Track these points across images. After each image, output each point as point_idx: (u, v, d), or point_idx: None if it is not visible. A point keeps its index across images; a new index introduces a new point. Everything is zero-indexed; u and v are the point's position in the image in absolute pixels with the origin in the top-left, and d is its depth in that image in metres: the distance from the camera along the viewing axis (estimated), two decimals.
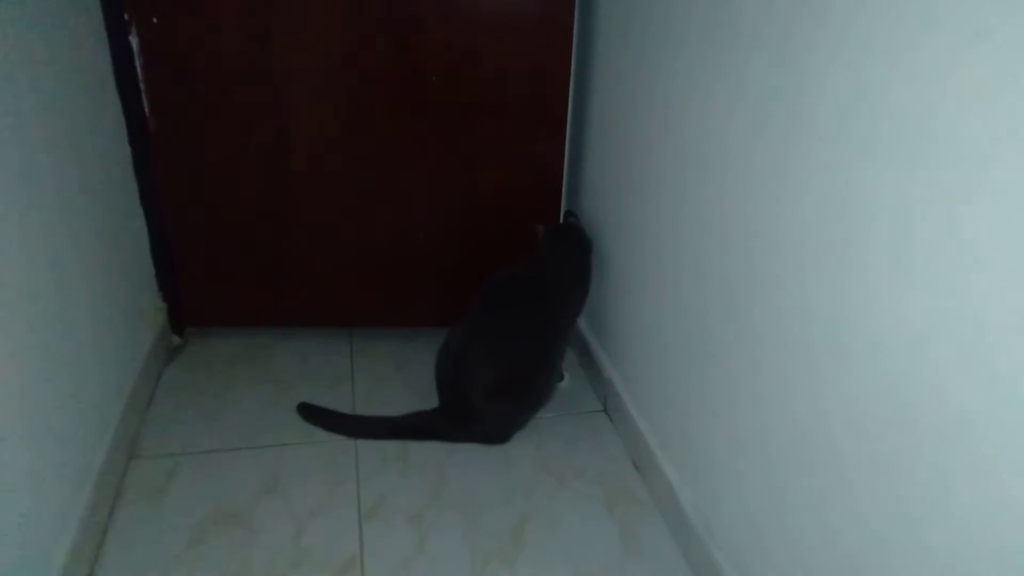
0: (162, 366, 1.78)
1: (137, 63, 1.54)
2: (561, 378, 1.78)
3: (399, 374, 1.80)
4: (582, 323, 1.88)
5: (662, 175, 1.38)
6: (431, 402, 1.65)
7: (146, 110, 1.59)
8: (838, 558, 0.94)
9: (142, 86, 1.56)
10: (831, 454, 0.94)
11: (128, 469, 1.47)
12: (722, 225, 1.17)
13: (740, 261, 1.12)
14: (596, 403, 1.76)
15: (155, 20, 1.48)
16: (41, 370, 1.17)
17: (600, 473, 1.54)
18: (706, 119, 1.19)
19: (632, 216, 1.54)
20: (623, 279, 1.62)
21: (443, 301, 1.85)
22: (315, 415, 1.62)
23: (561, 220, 1.85)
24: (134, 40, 1.51)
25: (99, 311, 1.43)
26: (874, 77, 0.80)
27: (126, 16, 1.49)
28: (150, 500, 1.41)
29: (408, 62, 1.57)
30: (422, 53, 1.57)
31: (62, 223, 1.28)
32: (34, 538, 1.10)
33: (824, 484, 0.95)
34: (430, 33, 1.55)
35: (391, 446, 1.58)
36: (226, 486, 1.45)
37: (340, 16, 1.51)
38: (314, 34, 1.53)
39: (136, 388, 1.58)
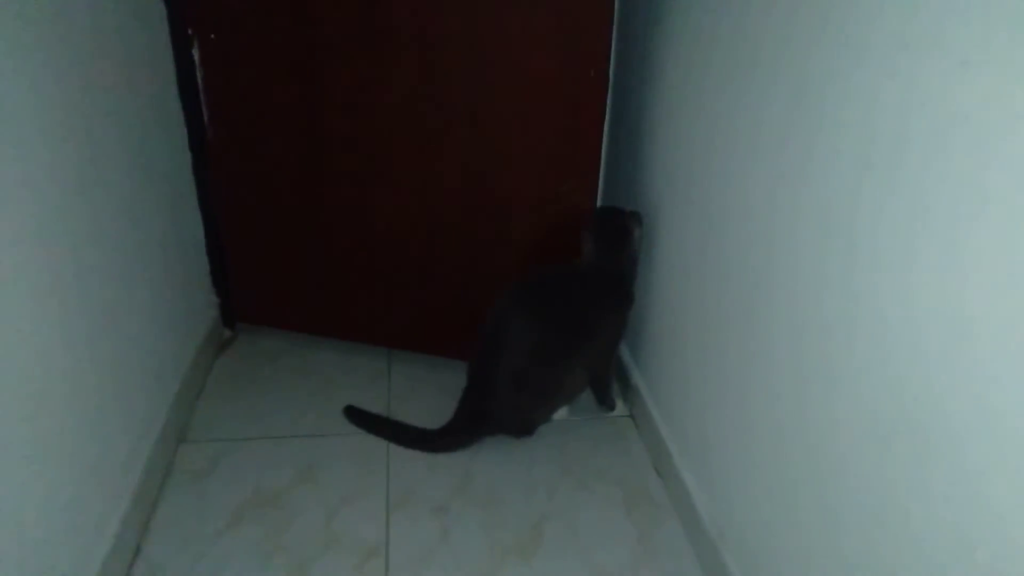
0: (213, 358, 1.90)
1: (198, 75, 1.65)
2: (612, 408, 1.79)
3: (433, 375, 1.87)
4: None
5: (689, 189, 1.42)
6: None
7: (205, 118, 1.70)
8: (844, 564, 0.97)
9: (202, 96, 1.68)
10: (840, 463, 0.96)
11: (177, 452, 1.58)
12: (746, 239, 1.20)
13: (758, 276, 1.15)
14: (623, 408, 1.80)
15: (212, 36, 1.59)
16: (100, 358, 1.28)
17: (621, 476, 1.58)
18: (736, 132, 1.23)
19: (659, 231, 1.58)
20: (652, 290, 1.66)
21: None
22: (359, 418, 1.69)
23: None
24: (196, 53, 1.63)
25: (156, 304, 1.54)
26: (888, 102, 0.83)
27: (189, 31, 1.60)
28: (196, 482, 1.51)
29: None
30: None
31: (126, 221, 1.39)
32: (87, 513, 1.20)
33: (832, 492, 0.98)
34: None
35: None
36: (265, 472, 1.54)
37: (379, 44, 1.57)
38: (354, 64, 1.59)
39: (188, 377, 1.69)
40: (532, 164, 1.60)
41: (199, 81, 1.67)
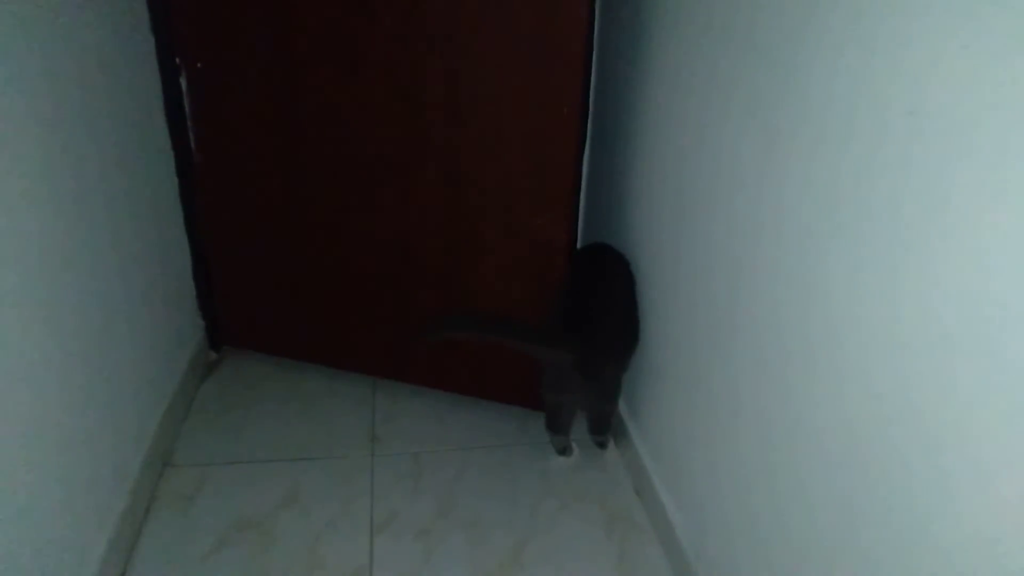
0: (199, 380, 1.91)
1: (185, 103, 1.68)
2: (606, 445, 1.77)
3: (418, 401, 1.89)
4: None
5: (679, 213, 1.46)
6: (448, 422, 1.78)
7: (192, 144, 1.73)
8: None
9: (189, 123, 1.70)
10: (798, 487, 1.00)
11: (163, 476, 1.59)
12: (726, 268, 1.24)
13: (733, 306, 1.19)
14: (612, 446, 1.83)
15: (199, 65, 1.62)
16: (84, 381, 1.29)
17: (602, 497, 1.61)
18: (713, 167, 1.27)
19: (642, 257, 1.62)
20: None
21: (475, 370, 1.86)
22: (441, 326, 1.62)
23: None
24: (183, 82, 1.66)
25: (142, 327, 1.56)
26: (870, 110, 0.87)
27: (177, 60, 1.63)
28: (181, 506, 1.52)
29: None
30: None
31: (112, 245, 1.41)
32: (74, 535, 1.22)
33: (797, 517, 1.02)
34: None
35: (405, 464, 1.67)
36: (250, 496, 1.56)
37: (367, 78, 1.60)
38: (336, 94, 1.62)
39: (173, 400, 1.71)
40: (507, 198, 1.62)
41: (186, 108, 1.69)
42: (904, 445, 0.79)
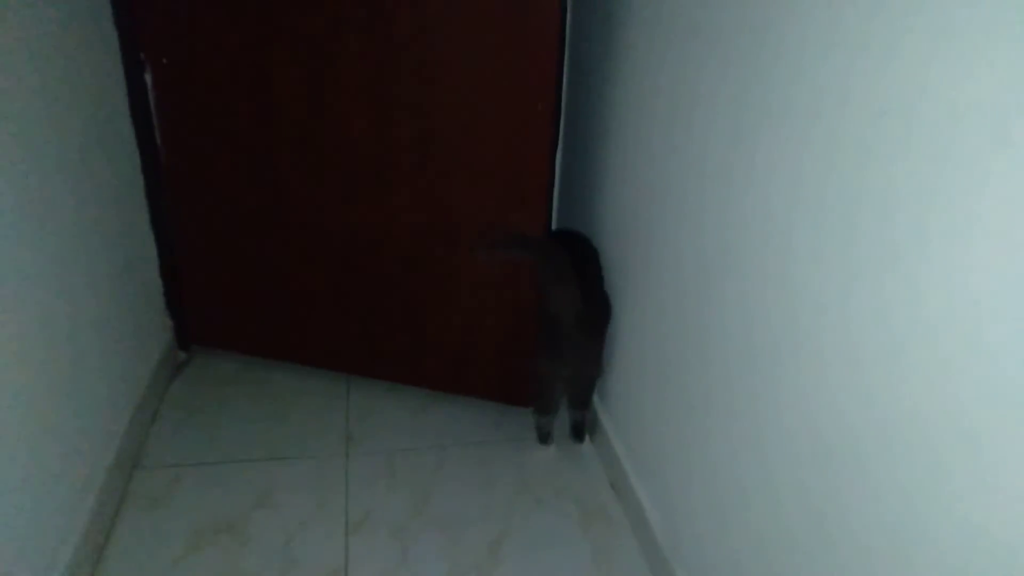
0: (168, 381, 1.88)
1: (150, 98, 1.65)
2: (581, 436, 1.78)
3: (392, 397, 1.88)
4: None
5: (650, 208, 1.47)
6: (423, 419, 1.78)
7: (158, 141, 1.69)
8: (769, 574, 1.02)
9: (155, 120, 1.67)
10: (766, 482, 1.01)
11: (132, 479, 1.56)
12: (699, 261, 1.25)
13: (708, 301, 1.20)
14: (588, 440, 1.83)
15: (164, 61, 1.59)
16: (50, 382, 1.27)
17: (578, 494, 1.62)
18: (682, 161, 1.28)
19: (614, 251, 1.62)
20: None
21: (450, 366, 1.85)
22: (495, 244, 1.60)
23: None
24: (148, 77, 1.62)
25: (108, 326, 1.53)
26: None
27: (141, 56, 1.60)
28: (151, 509, 1.50)
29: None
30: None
31: (77, 243, 1.38)
32: (39, 541, 1.19)
33: (760, 507, 1.03)
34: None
35: (380, 462, 1.66)
36: (222, 497, 1.54)
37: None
38: (307, 88, 1.60)
39: (142, 401, 1.68)
40: (481, 194, 1.61)
41: (151, 105, 1.66)
42: (874, 443, 0.81)
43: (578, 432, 1.77)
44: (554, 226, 1.91)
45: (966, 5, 0.65)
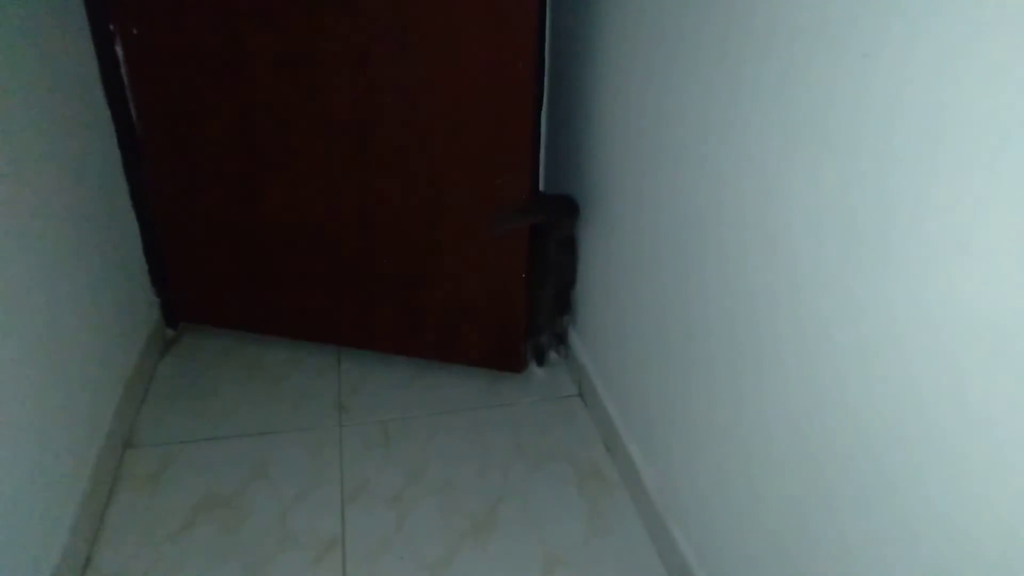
0: (157, 358, 1.86)
1: (123, 71, 1.61)
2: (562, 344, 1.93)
3: (383, 368, 1.87)
4: None
5: (642, 165, 1.45)
6: (416, 388, 1.79)
7: (133, 115, 1.66)
8: (770, 532, 1.02)
9: (128, 92, 1.63)
10: (765, 439, 1.01)
11: (124, 457, 1.56)
12: (685, 223, 1.23)
13: (695, 260, 1.19)
14: (572, 388, 1.84)
15: (135, 32, 1.55)
16: (38, 365, 1.25)
17: (572, 455, 1.62)
18: (669, 123, 1.26)
19: (609, 210, 1.60)
20: (598, 272, 1.68)
21: (441, 334, 1.84)
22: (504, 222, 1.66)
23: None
24: (119, 50, 1.58)
25: (93, 305, 1.51)
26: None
27: (111, 27, 1.55)
28: (145, 487, 1.49)
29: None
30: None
31: (56, 223, 1.35)
32: (33, 525, 1.18)
33: (756, 464, 1.03)
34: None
35: (374, 433, 1.66)
36: (216, 472, 1.53)
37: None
38: (283, 56, 1.56)
39: (131, 380, 1.66)
40: (464, 160, 1.58)
41: (124, 77, 1.62)
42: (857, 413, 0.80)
43: (563, 339, 1.91)
44: (542, 189, 1.90)
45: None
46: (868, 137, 0.75)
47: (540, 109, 1.78)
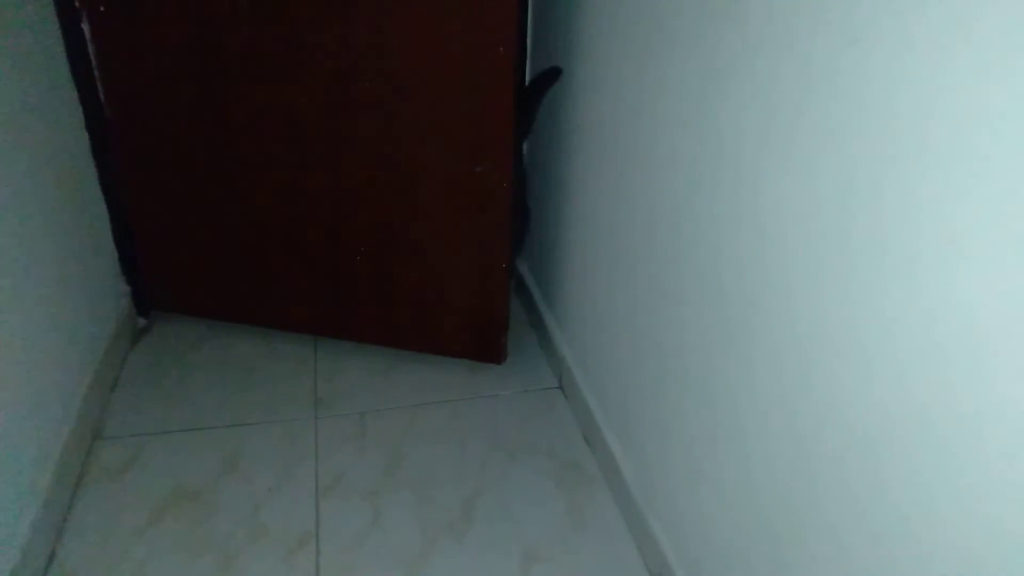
0: (127, 348, 1.81)
1: (90, 50, 1.55)
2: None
3: (359, 357, 1.84)
4: (539, 299, 1.93)
5: (608, 152, 1.42)
6: (394, 379, 1.75)
7: (101, 96, 1.60)
8: (739, 523, 1.00)
9: (96, 73, 1.57)
10: (738, 435, 0.99)
11: (92, 450, 1.51)
12: (665, 208, 1.21)
13: (676, 249, 1.17)
14: (552, 380, 1.81)
15: (102, 8, 1.49)
16: (2, 354, 1.20)
17: (551, 448, 1.60)
18: (651, 105, 1.23)
19: (594, 200, 1.58)
20: (579, 261, 1.66)
21: (419, 324, 1.80)
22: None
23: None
24: (86, 28, 1.52)
25: (60, 293, 1.46)
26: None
27: (76, 3, 1.49)
28: (113, 480, 1.45)
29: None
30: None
31: (21, 208, 1.30)
32: None
33: (729, 458, 1.01)
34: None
35: (350, 424, 1.63)
36: (188, 465, 1.50)
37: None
38: (257, 37, 1.51)
39: (100, 370, 1.62)
40: (443, 146, 1.54)
41: (91, 56, 1.56)
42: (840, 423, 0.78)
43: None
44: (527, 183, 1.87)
45: None
46: (863, 132, 0.73)
47: (521, 96, 1.74)
